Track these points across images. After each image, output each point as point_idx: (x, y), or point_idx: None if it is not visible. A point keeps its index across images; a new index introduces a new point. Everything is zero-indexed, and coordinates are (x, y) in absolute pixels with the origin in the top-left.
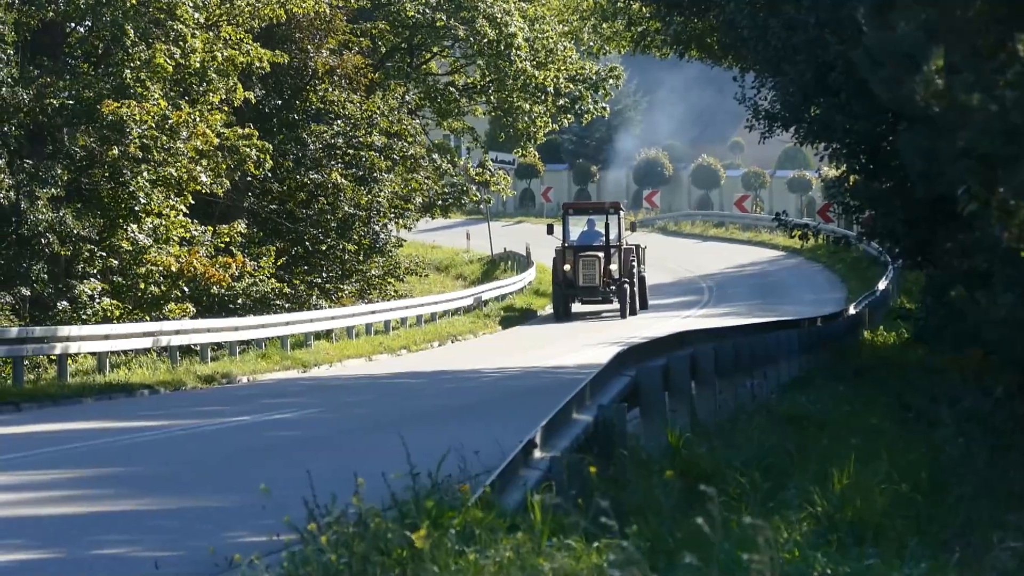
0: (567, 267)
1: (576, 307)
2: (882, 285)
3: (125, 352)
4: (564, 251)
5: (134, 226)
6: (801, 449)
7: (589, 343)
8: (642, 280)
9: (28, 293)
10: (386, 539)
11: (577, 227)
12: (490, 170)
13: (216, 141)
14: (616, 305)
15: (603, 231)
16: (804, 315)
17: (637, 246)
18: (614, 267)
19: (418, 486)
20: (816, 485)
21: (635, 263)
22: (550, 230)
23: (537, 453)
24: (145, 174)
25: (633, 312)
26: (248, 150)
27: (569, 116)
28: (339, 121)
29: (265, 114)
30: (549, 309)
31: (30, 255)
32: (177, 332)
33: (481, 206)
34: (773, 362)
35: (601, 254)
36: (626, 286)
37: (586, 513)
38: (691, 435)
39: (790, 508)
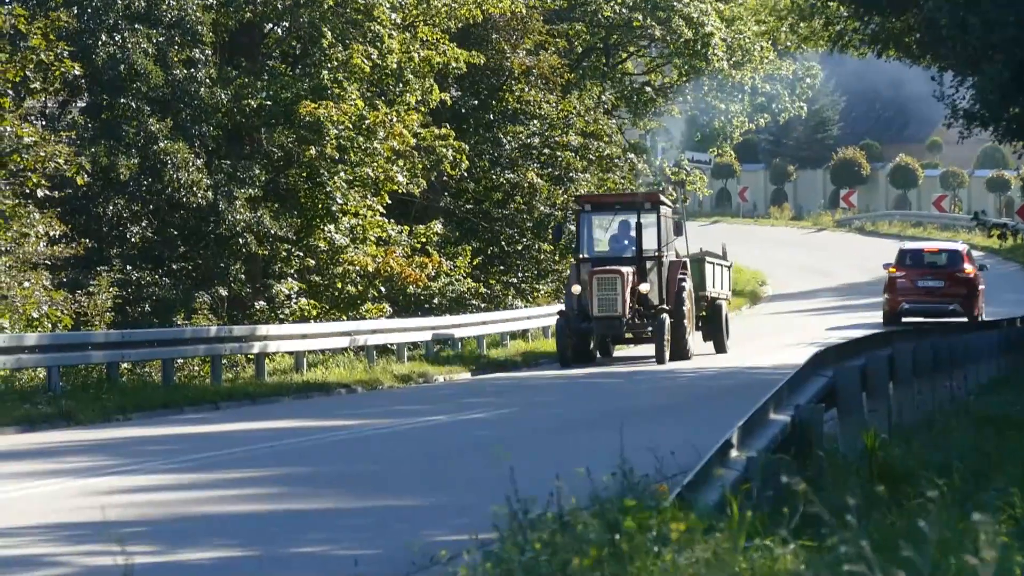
0: (576, 288)
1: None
2: None
3: (322, 351)
4: (578, 266)
5: (331, 226)
6: (1000, 451)
7: (789, 343)
8: (716, 309)
9: (226, 293)
10: (587, 538)
11: (605, 230)
12: (686, 170)
13: (413, 141)
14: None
15: (641, 235)
16: (1003, 316)
17: (701, 259)
18: (647, 288)
19: (616, 485)
20: (1016, 487)
21: (685, 283)
22: (557, 234)
23: (734, 453)
24: (342, 174)
25: (681, 356)
26: (444, 150)
27: (765, 115)
28: (535, 121)
29: (461, 114)
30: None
31: (228, 255)
32: (374, 332)
33: (677, 206)
34: (972, 363)
35: (628, 269)
36: (664, 317)
37: (784, 514)
38: (888, 436)
39: (988, 510)
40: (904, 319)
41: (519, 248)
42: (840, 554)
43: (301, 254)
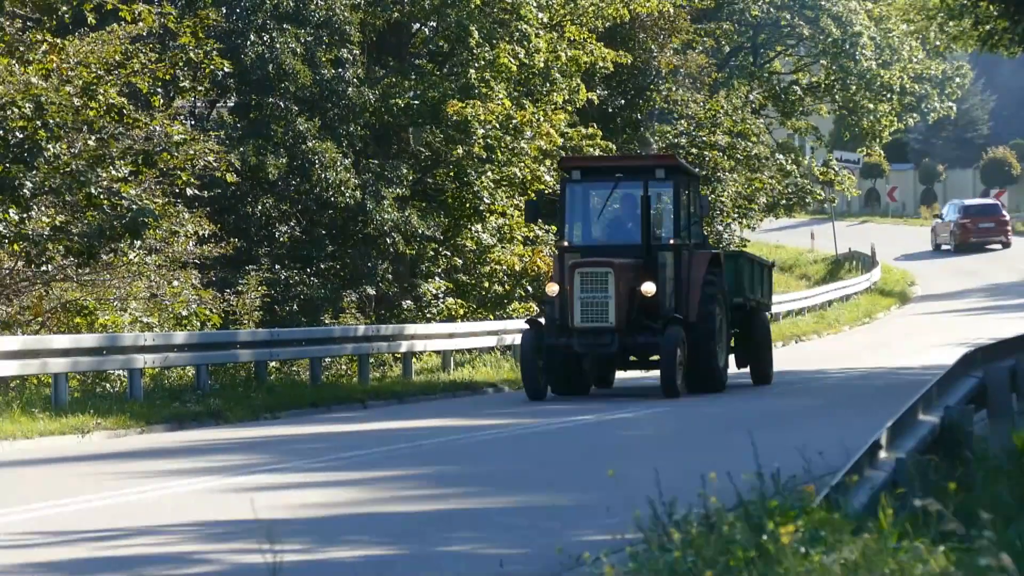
0: (553, 288)
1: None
2: None
3: (469, 350)
4: (562, 257)
5: (478, 225)
6: None
7: (936, 343)
8: (757, 323)
9: (374, 292)
10: (733, 539)
11: (600, 207)
12: (834, 169)
13: (560, 141)
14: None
15: (648, 215)
16: None
17: (738, 253)
18: (651, 289)
19: (764, 486)
20: None
21: (715, 283)
22: (531, 213)
23: (883, 454)
24: (489, 174)
25: (710, 384)
26: (592, 149)
27: (914, 115)
28: (682, 120)
29: (608, 114)
30: (890, 318)
31: (376, 254)
32: (520, 331)
33: (825, 206)
34: None
35: (626, 262)
36: (677, 331)
37: (933, 515)
38: None
39: None
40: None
41: None
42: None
43: (448, 253)
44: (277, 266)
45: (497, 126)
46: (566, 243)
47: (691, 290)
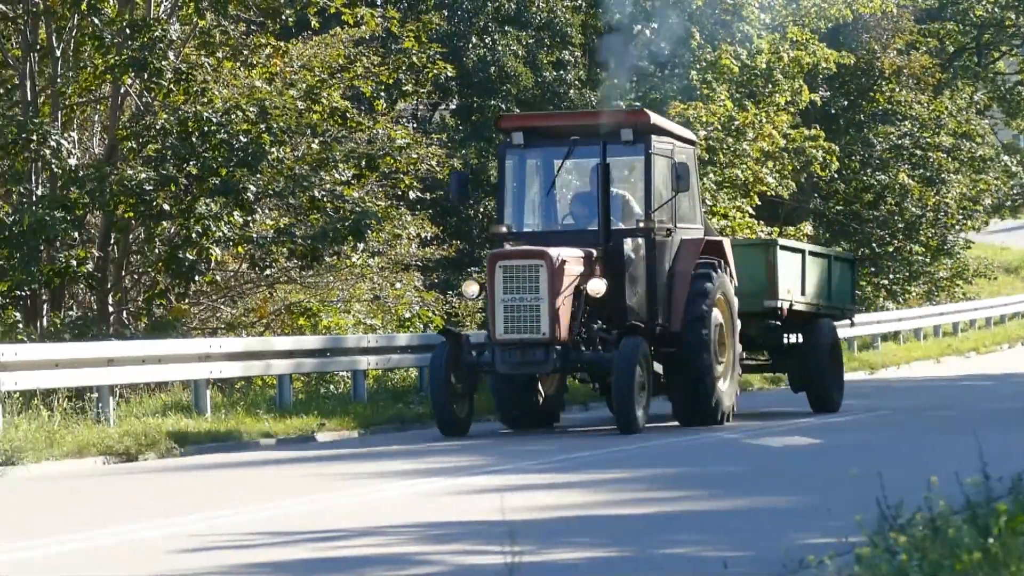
0: (470, 289)
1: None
2: None
3: None
4: (498, 245)
5: None
6: None
7: None
8: (812, 332)
9: None
10: (959, 543)
11: (551, 181)
12: None
13: (782, 142)
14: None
15: (608, 190)
16: None
17: (770, 243)
18: (597, 287)
19: (990, 489)
20: None
21: (711, 280)
22: (458, 189)
23: None
24: (711, 175)
25: (699, 414)
26: (814, 151)
27: None
28: (906, 122)
29: (831, 115)
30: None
31: None
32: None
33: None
34: None
35: (568, 253)
36: (636, 342)
37: None
38: None
39: None
40: None
41: (890, 250)
42: None
43: None
44: None
45: (719, 127)
46: (505, 228)
47: (675, 288)
